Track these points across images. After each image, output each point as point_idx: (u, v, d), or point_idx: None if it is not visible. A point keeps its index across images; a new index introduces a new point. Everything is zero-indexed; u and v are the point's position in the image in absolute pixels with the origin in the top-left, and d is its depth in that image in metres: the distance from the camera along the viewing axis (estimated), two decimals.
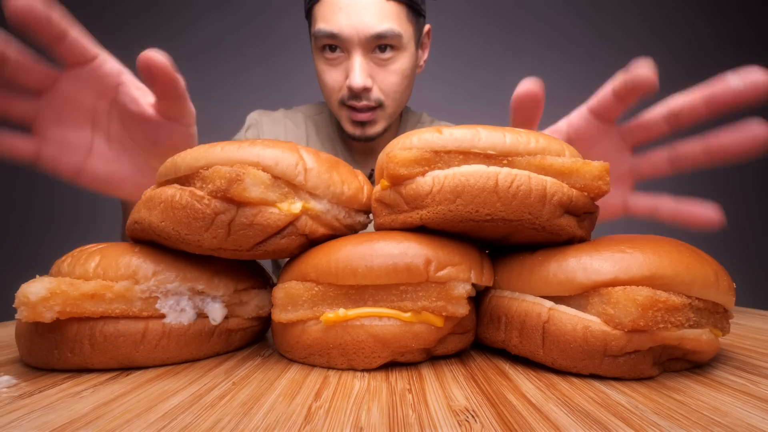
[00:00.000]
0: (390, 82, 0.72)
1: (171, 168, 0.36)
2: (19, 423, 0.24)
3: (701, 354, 0.32)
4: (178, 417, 0.25)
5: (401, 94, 0.75)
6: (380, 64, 0.71)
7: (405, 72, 0.73)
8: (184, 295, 0.36)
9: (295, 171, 0.35)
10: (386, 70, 0.72)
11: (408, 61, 0.74)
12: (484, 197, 0.32)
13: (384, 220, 0.37)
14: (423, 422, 0.24)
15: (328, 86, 0.74)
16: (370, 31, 0.67)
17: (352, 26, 0.67)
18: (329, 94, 0.75)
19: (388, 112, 0.76)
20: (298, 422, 0.24)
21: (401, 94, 0.75)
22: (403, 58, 0.72)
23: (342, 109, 0.75)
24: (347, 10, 0.67)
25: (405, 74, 0.74)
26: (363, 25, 0.67)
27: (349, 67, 0.70)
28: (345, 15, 0.67)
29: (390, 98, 0.74)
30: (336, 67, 0.72)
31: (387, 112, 0.75)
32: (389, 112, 0.76)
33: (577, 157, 0.35)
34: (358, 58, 0.69)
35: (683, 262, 0.31)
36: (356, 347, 0.34)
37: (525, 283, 0.35)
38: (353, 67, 0.69)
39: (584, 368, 0.32)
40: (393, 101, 0.75)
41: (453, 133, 0.34)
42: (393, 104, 0.75)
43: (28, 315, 0.31)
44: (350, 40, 0.68)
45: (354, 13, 0.67)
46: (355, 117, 0.74)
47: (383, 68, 0.71)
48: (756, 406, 0.26)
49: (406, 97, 0.78)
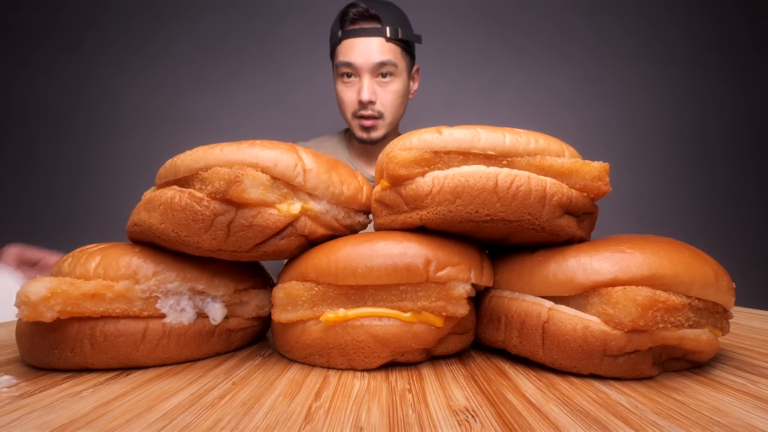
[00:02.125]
0: (388, 99, 1.04)
1: (170, 169, 0.36)
2: (19, 423, 0.24)
3: (701, 354, 0.32)
4: (178, 417, 0.25)
5: (396, 109, 1.07)
6: (381, 85, 1.03)
7: (399, 93, 1.05)
8: (185, 295, 0.37)
9: (294, 172, 0.35)
10: (386, 90, 1.03)
11: (402, 86, 1.05)
12: (483, 198, 0.32)
13: (384, 220, 0.37)
14: (423, 422, 0.24)
15: (345, 102, 1.05)
16: (375, 60, 0.99)
17: (363, 58, 0.99)
18: (345, 108, 1.06)
19: (387, 122, 1.06)
20: (298, 422, 0.24)
21: (396, 109, 1.07)
22: (397, 82, 1.04)
23: (354, 119, 1.06)
24: (360, 47, 0.99)
25: (399, 94, 1.05)
26: (370, 57, 0.99)
27: (360, 86, 1.02)
28: (358, 51, 0.99)
29: (388, 111, 1.05)
30: (351, 88, 1.04)
31: (386, 122, 1.06)
32: (388, 121, 1.06)
33: (577, 157, 0.35)
34: (367, 79, 1.01)
35: (683, 262, 0.31)
36: (356, 347, 0.34)
37: (525, 283, 0.35)
38: (363, 86, 1.01)
39: (584, 368, 0.32)
40: (390, 114, 1.05)
41: (453, 133, 0.34)
42: (390, 116, 1.06)
43: (29, 314, 0.31)
44: (361, 67, 1.00)
45: (365, 50, 0.99)
46: (364, 123, 1.04)
47: (383, 88, 1.03)
48: (756, 406, 0.26)
49: (400, 113, 1.09)
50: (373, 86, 1.01)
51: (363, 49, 0.99)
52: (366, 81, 1.00)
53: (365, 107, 1.01)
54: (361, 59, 0.99)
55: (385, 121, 1.05)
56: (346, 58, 1.00)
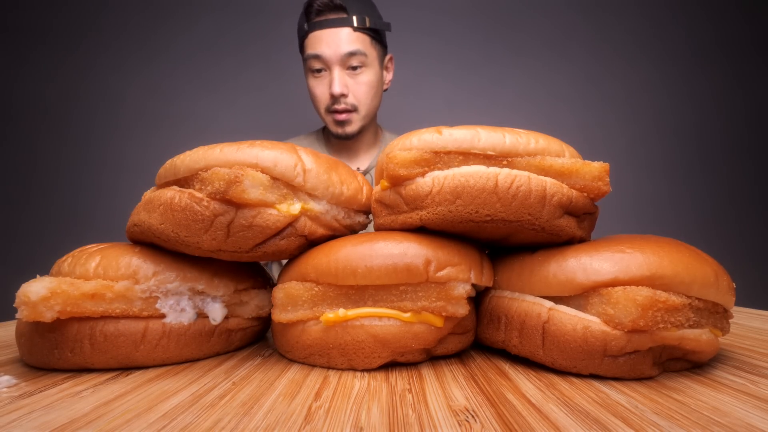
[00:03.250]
0: (361, 91, 1.00)
1: (170, 170, 0.36)
2: (19, 423, 0.24)
3: (701, 354, 0.32)
4: (178, 417, 0.25)
5: (371, 101, 1.03)
6: (352, 77, 0.99)
7: (372, 83, 1.01)
8: (185, 295, 0.37)
9: (294, 172, 0.35)
10: (357, 82, 0.99)
11: (374, 76, 1.01)
12: (483, 198, 0.32)
13: (384, 220, 0.37)
14: (423, 422, 0.24)
15: (317, 97, 1.02)
16: (344, 51, 0.95)
17: (331, 49, 0.96)
18: (318, 104, 1.02)
19: (362, 115, 1.02)
20: (298, 422, 0.24)
21: (371, 101, 1.03)
22: (369, 73, 1.00)
23: (328, 114, 1.02)
24: (327, 39, 0.96)
25: (372, 85, 1.01)
26: (339, 48, 0.95)
27: (331, 79, 0.98)
28: (325, 43, 0.96)
29: (362, 103, 1.01)
30: (322, 82, 1.00)
31: (360, 115, 1.02)
32: (362, 114, 1.02)
33: (577, 157, 0.35)
34: (337, 72, 0.97)
35: (683, 262, 0.31)
36: (356, 347, 0.34)
37: (525, 284, 0.35)
38: (334, 79, 0.97)
39: (584, 368, 0.32)
40: (364, 106, 1.02)
41: (453, 133, 0.34)
42: (364, 109, 1.02)
43: (29, 314, 0.31)
44: (330, 59, 0.96)
45: (332, 41, 0.95)
46: (337, 117, 1.01)
47: (355, 80, 0.99)
48: (756, 406, 0.26)
49: (375, 104, 1.05)
50: (344, 79, 0.98)
51: (330, 40, 0.95)
52: (336, 73, 0.96)
53: (338, 101, 0.98)
54: (329, 51, 0.96)
55: (360, 114, 1.01)
56: (313, 50, 0.97)
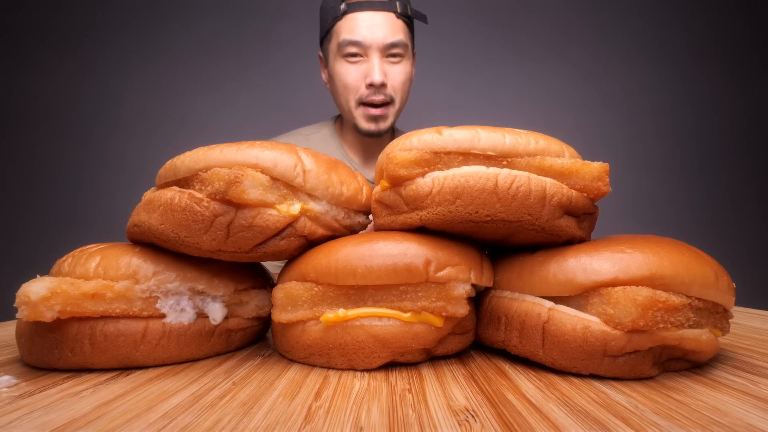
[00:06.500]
0: (399, 80, 0.91)
1: (170, 170, 0.36)
2: (19, 423, 0.24)
3: (701, 354, 0.32)
4: (178, 417, 0.25)
5: (405, 93, 0.94)
6: (391, 66, 0.90)
7: (407, 74, 0.93)
8: (185, 295, 0.37)
9: (293, 172, 0.35)
10: (395, 71, 0.90)
11: (409, 66, 0.93)
12: (483, 198, 0.32)
13: (384, 221, 0.37)
14: (423, 422, 0.24)
15: (349, 86, 0.90)
16: (386, 41, 0.87)
17: (373, 35, 0.87)
18: (349, 94, 0.91)
19: (396, 108, 0.93)
20: (298, 422, 0.24)
21: (405, 93, 0.94)
22: (406, 63, 0.92)
23: (359, 107, 0.91)
24: (368, 23, 0.87)
25: (408, 76, 0.93)
26: (381, 35, 0.87)
27: (369, 67, 0.88)
28: (366, 27, 0.87)
29: (398, 95, 0.92)
30: (356, 67, 0.89)
31: (395, 108, 0.93)
32: (397, 108, 0.93)
33: (577, 158, 0.35)
34: (376, 59, 0.87)
35: (683, 262, 0.31)
36: (356, 347, 0.34)
37: (525, 284, 0.35)
38: (374, 66, 0.87)
39: (584, 368, 0.32)
40: (400, 99, 0.93)
41: (453, 134, 0.34)
42: (399, 102, 0.93)
43: (29, 314, 0.31)
44: (370, 45, 0.87)
45: (373, 26, 0.87)
46: (371, 112, 0.90)
47: (393, 69, 0.90)
48: (756, 406, 0.26)
49: (406, 97, 0.96)
50: (384, 67, 0.88)
51: (371, 24, 0.86)
52: (376, 61, 0.87)
53: (377, 91, 0.88)
54: (370, 36, 0.86)
55: (395, 108, 0.93)
56: (351, 35, 0.86)
